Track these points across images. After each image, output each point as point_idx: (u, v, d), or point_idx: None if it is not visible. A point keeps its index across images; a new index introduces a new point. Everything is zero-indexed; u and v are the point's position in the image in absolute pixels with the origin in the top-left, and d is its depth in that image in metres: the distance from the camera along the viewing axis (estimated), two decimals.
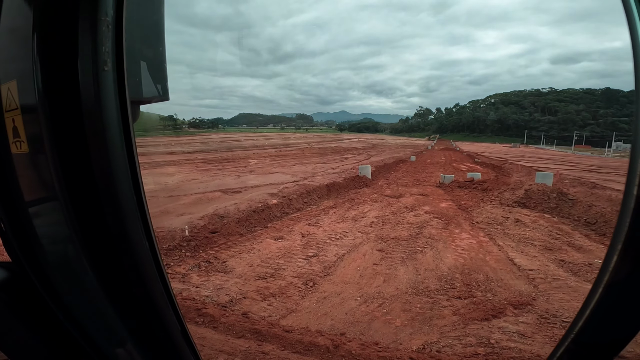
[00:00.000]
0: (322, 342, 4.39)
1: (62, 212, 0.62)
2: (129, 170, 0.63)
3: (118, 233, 0.65)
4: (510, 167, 25.50)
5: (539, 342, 4.54)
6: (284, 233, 9.15)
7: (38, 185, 0.64)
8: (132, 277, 0.69)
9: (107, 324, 0.74)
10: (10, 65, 0.59)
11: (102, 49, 0.56)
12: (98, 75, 0.56)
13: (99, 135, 0.58)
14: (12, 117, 0.59)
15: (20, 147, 0.60)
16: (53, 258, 0.70)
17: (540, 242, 8.67)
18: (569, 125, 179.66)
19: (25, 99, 0.57)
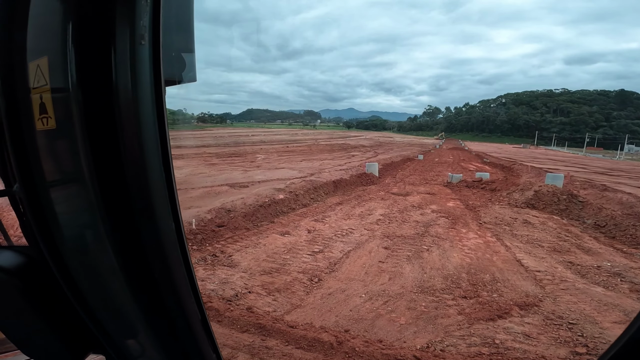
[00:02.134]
0: (326, 339, 4.40)
1: (88, 194, 0.60)
2: (160, 152, 0.61)
3: (146, 220, 0.63)
4: (519, 168, 25.23)
5: (544, 343, 4.50)
6: (290, 228, 9.17)
7: (63, 164, 0.62)
8: (157, 265, 0.67)
9: (124, 313, 0.72)
10: (41, 41, 0.57)
11: (139, 22, 0.54)
12: (135, 49, 0.55)
13: (132, 112, 0.57)
14: (40, 94, 0.57)
15: (46, 123, 0.58)
16: (73, 243, 0.68)
17: (548, 243, 8.58)
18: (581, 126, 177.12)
19: (56, 74, 0.55)
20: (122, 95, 0.55)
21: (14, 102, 0.61)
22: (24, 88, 0.59)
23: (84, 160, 0.57)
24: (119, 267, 0.64)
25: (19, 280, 0.68)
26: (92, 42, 0.54)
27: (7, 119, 0.61)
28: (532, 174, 21.03)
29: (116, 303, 0.71)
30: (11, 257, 0.71)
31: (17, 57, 0.59)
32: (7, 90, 0.60)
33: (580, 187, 14.85)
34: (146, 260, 0.65)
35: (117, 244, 0.63)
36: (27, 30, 0.58)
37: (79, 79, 0.54)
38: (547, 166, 26.26)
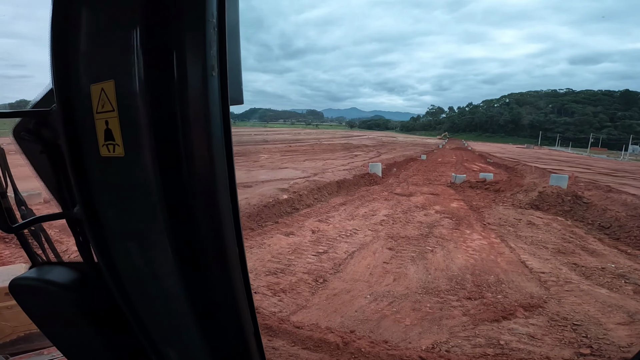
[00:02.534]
0: (332, 339, 4.44)
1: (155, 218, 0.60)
2: (227, 180, 0.61)
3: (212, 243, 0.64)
4: (523, 169, 25.16)
5: (549, 344, 4.53)
6: (295, 229, 9.21)
7: (129, 191, 0.62)
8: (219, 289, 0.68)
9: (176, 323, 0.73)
10: (107, 64, 0.57)
11: (210, 52, 0.54)
12: (207, 79, 0.55)
13: (205, 144, 0.57)
14: (106, 119, 0.57)
15: (113, 150, 0.58)
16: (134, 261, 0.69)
17: (552, 244, 8.58)
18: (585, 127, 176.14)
19: (124, 100, 0.55)
20: (194, 124, 0.56)
21: (74, 126, 0.61)
22: (86, 111, 0.59)
23: (155, 190, 0.58)
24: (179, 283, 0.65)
25: (75, 294, 0.70)
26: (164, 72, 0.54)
27: (67, 143, 0.62)
28: (536, 174, 20.98)
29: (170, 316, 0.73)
30: (65, 273, 0.73)
31: (76, 78, 0.59)
32: (67, 113, 0.61)
33: (584, 188, 14.80)
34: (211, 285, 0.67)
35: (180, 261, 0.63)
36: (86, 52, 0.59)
37: (150, 108, 0.54)
38: (551, 167, 26.19)
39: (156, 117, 0.55)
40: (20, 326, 2.63)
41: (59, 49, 0.59)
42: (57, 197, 0.71)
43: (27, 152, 0.73)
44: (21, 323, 2.62)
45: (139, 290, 0.73)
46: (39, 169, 0.74)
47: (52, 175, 0.69)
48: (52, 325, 0.79)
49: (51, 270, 0.75)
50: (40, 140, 0.67)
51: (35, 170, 0.74)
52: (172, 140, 0.56)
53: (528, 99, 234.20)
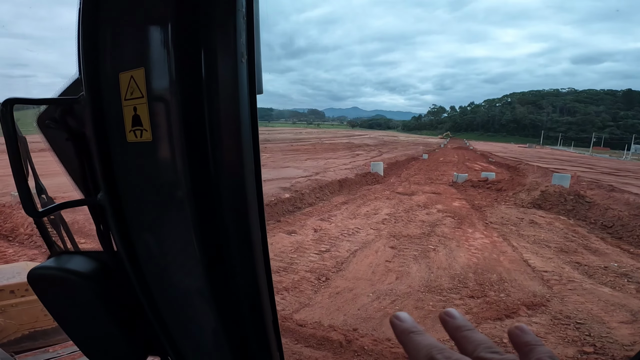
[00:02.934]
0: (334, 337, 4.45)
1: (180, 207, 0.60)
2: (254, 169, 0.61)
3: (239, 233, 0.63)
4: (525, 168, 25.11)
5: (552, 342, 4.52)
6: (297, 227, 9.23)
7: (156, 178, 0.62)
8: (241, 280, 0.67)
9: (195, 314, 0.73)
10: (137, 52, 0.57)
11: (240, 40, 0.55)
12: (237, 67, 0.55)
13: (233, 130, 0.57)
14: (134, 106, 0.57)
15: (140, 135, 0.58)
16: (157, 250, 0.69)
17: (555, 244, 8.57)
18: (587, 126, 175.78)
19: (154, 87, 0.56)
20: (223, 111, 0.57)
21: (101, 113, 0.62)
22: (114, 99, 0.59)
23: (182, 175, 0.58)
24: (201, 273, 0.65)
25: (94, 283, 0.69)
26: (194, 59, 0.55)
27: (94, 130, 0.62)
28: (538, 174, 20.94)
29: (189, 307, 0.73)
30: (84, 262, 0.73)
31: (105, 67, 0.60)
32: (95, 101, 0.61)
33: (587, 187, 14.77)
34: (230, 265, 0.66)
35: (203, 250, 0.63)
36: (115, 41, 0.60)
37: (179, 94, 0.55)
38: (553, 166, 26.12)
39: (185, 102, 0.56)
40: (25, 324, 2.63)
41: (87, 39, 0.60)
42: (81, 184, 0.71)
43: (50, 140, 0.73)
44: (26, 321, 2.62)
45: (158, 282, 0.72)
46: (63, 157, 0.74)
47: (76, 162, 0.69)
48: (69, 315, 0.78)
49: (70, 259, 0.74)
50: (66, 129, 0.67)
51: (59, 158, 0.74)
52: (200, 124, 0.57)
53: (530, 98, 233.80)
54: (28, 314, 2.59)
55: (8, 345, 2.57)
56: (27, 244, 7.60)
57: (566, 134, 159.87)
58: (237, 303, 0.70)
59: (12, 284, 2.56)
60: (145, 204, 0.67)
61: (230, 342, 0.73)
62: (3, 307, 2.62)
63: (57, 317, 0.79)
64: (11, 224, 8.38)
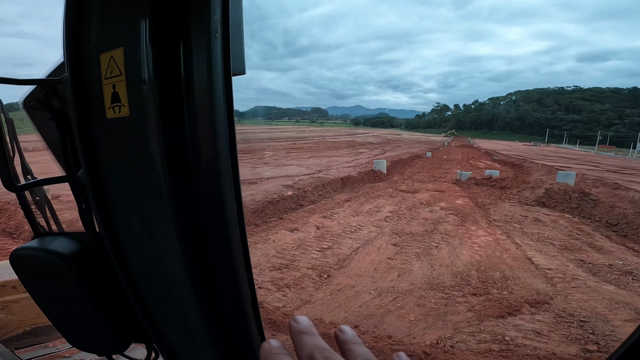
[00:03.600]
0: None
1: (157, 181, 0.61)
2: (227, 139, 0.62)
3: (213, 208, 0.64)
4: (530, 166, 24.97)
5: (555, 340, 4.49)
6: (299, 225, 9.21)
7: (133, 152, 0.63)
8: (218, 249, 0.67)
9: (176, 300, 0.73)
10: (116, 33, 0.60)
11: (214, 16, 0.56)
12: (210, 41, 0.57)
13: (205, 102, 0.59)
14: (113, 84, 0.59)
15: (119, 111, 0.60)
16: (135, 230, 0.69)
17: (559, 241, 8.50)
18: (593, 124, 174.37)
19: (132, 65, 0.58)
20: (197, 85, 0.58)
21: (83, 92, 0.63)
22: (94, 78, 0.61)
23: (157, 148, 0.59)
24: (180, 255, 0.65)
25: (76, 265, 0.69)
26: (168, 35, 0.57)
27: (75, 108, 0.63)
28: (543, 171, 20.82)
29: (170, 291, 0.73)
30: (67, 243, 0.72)
31: (86, 49, 0.62)
32: (77, 80, 0.63)
33: (592, 185, 14.66)
34: (209, 249, 0.67)
35: (181, 232, 0.64)
36: (97, 24, 0.61)
37: (155, 69, 0.56)
38: (558, 164, 25.96)
39: (161, 77, 0.57)
40: (26, 320, 2.63)
41: (71, 23, 0.62)
42: (62, 162, 0.72)
43: (36, 121, 0.77)
44: (27, 317, 2.62)
45: (140, 266, 0.72)
46: (46, 137, 0.77)
47: (59, 141, 0.70)
48: (51, 299, 0.77)
49: (53, 240, 0.74)
50: (49, 109, 0.69)
51: (43, 138, 0.77)
52: (175, 98, 0.59)
53: (535, 96, 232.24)
54: (30, 310, 2.59)
55: (10, 341, 2.58)
56: None
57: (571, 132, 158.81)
58: (217, 290, 0.70)
59: (14, 280, 2.55)
60: (123, 181, 0.67)
61: (211, 330, 0.73)
62: (5, 303, 2.62)
63: (38, 301, 0.79)
64: (15, 222, 8.44)
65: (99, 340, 0.79)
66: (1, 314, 2.65)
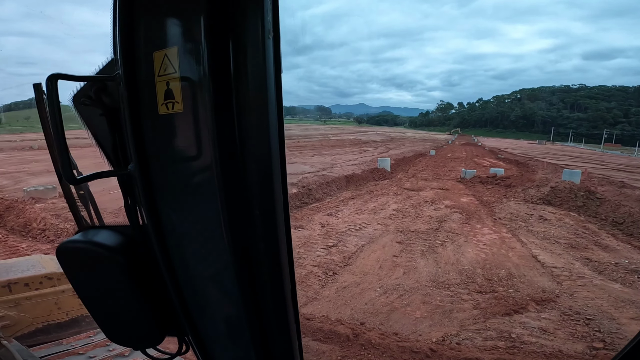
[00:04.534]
0: (342, 331, 4.46)
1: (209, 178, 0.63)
2: (278, 139, 0.63)
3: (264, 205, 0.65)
4: (535, 164, 24.86)
5: (561, 338, 4.49)
6: (304, 222, 9.25)
7: (186, 148, 0.65)
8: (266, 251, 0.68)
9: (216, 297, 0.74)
10: (171, 33, 0.62)
11: (267, 18, 0.58)
12: (264, 42, 0.58)
13: (260, 102, 0.60)
14: (167, 81, 0.61)
15: (172, 107, 0.62)
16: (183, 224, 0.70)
17: (565, 240, 8.48)
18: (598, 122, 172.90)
19: (186, 63, 0.60)
20: (251, 82, 0.60)
21: (136, 89, 0.65)
22: (148, 75, 0.63)
23: (209, 143, 0.61)
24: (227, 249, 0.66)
25: (121, 256, 0.71)
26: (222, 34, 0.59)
27: (128, 104, 0.65)
28: (548, 170, 20.71)
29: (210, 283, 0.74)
30: (111, 236, 0.75)
31: (139, 47, 0.64)
32: (130, 77, 0.65)
33: (597, 183, 14.58)
34: (256, 244, 0.68)
35: (230, 226, 0.64)
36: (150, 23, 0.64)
37: (210, 68, 0.58)
38: (563, 162, 25.82)
39: (215, 74, 0.59)
40: (39, 317, 2.63)
41: (123, 23, 0.64)
42: (112, 157, 0.75)
43: (85, 117, 0.78)
44: (40, 314, 2.62)
45: (182, 260, 0.73)
46: (96, 132, 0.78)
47: (109, 136, 0.73)
48: (93, 290, 0.79)
49: (97, 233, 0.77)
50: (100, 105, 0.71)
51: (92, 134, 0.79)
52: (228, 95, 0.60)
53: (540, 94, 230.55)
54: (42, 307, 2.59)
55: (23, 338, 2.61)
56: (40, 238, 7.73)
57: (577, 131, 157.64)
58: (260, 294, 0.71)
59: (26, 277, 2.54)
60: (173, 175, 0.68)
61: (251, 331, 0.74)
62: (17, 300, 2.63)
63: (80, 292, 0.81)
64: (24, 219, 8.51)
65: (138, 334, 0.81)
66: (14, 311, 2.68)
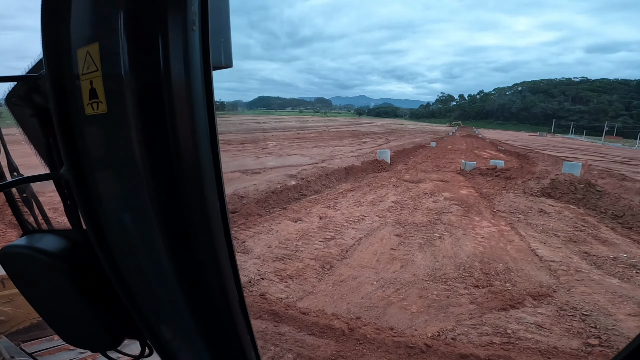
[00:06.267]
0: (337, 325, 4.45)
1: (138, 177, 0.60)
2: (208, 134, 0.61)
3: (196, 202, 0.63)
4: (535, 156, 24.76)
5: (557, 334, 4.47)
6: (302, 215, 9.21)
7: (113, 148, 0.63)
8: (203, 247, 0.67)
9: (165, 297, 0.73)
10: (92, 28, 0.59)
11: (191, 9, 0.55)
12: (187, 35, 0.56)
13: (184, 96, 0.57)
14: (90, 79, 0.58)
15: (97, 108, 0.59)
16: (120, 226, 0.68)
17: (564, 233, 8.45)
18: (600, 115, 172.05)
19: (108, 60, 0.57)
20: (174, 79, 0.56)
21: (61, 88, 0.62)
22: (72, 74, 0.60)
23: (136, 144, 0.58)
24: (165, 249, 0.65)
25: (65, 263, 0.68)
26: (143, 29, 0.56)
27: (55, 105, 0.63)
28: (549, 162, 20.64)
29: (158, 287, 0.72)
30: (55, 241, 0.72)
31: (64, 44, 0.61)
32: (55, 77, 0.62)
33: (598, 176, 14.52)
34: (193, 242, 0.66)
35: (165, 226, 0.63)
36: (73, 18, 0.60)
37: (132, 64, 0.55)
38: (564, 155, 25.73)
39: (137, 72, 0.56)
40: (32, 313, 2.64)
41: (48, 18, 0.61)
42: (46, 159, 0.72)
43: (18, 117, 0.76)
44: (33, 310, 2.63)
45: (128, 263, 0.71)
46: (29, 133, 0.77)
47: (41, 137, 0.70)
48: (42, 296, 0.77)
49: (42, 238, 0.74)
50: (31, 105, 0.69)
51: (26, 135, 0.77)
52: (153, 93, 0.57)
53: (541, 87, 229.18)
54: None
55: (16, 334, 2.60)
56: None
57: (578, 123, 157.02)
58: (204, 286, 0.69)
59: None
60: (107, 176, 0.66)
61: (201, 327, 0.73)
62: (11, 296, 2.63)
63: (30, 299, 0.78)
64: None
65: (91, 335, 0.78)
66: (7, 307, 2.66)
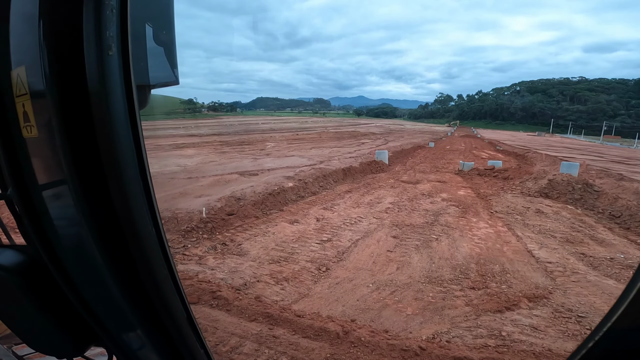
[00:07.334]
0: (332, 328, 4.43)
1: (72, 195, 0.63)
2: (134, 154, 0.63)
3: (125, 216, 0.66)
4: (533, 156, 24.77)
5: (552, 336, 4.46)
6: (299, 217, 9.19)
7: (48, 169, 0.65)
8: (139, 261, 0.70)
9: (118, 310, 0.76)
10: (20, 51, 0.61)
11: (106, 33, 0.56)
12: (103, 59, 0.57)
13: (105, 119, 0.59)
14: (22, 102, 0.61)
15: (30, 131, 0.61)
16: (65, 241, 0.71)
17: (561, 234, 8.44)
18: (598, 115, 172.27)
19: (34, 84, 0.59)
20: (94, 103, 0.58)
21: (3, 110, 0.64)
22: (10, 96, 0.62)
23: (65, 166, 0.61)
24: (105, 265, 0.68)
25: (20, 278, 0.71)
26: (62, 53, 0.57)
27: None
28: (547, 162, 20.64)
29: (109, 299, 0.75)
30: (12, 256, 0.75)
31: (4, 65, 0.63)
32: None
33: (596, 176, 14.52)
34: (131, 258, 0.69)
35: (102, 243, 0.66)
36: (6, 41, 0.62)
37: (54, 88, 0.58)
38: (562, 154, 25.75)
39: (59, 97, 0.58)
40: None
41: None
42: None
43: None
44: None
45: (78, 275, 0.74)
46: None
47: None
48: (3, 308, 0.80)
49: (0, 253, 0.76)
50: None
51: None
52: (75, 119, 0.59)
53: (540, 86, 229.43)
54: None
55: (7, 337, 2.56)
56: None
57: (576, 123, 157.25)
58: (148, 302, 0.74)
59: None
60: (48, 196, 0.68)
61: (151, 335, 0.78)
62: None
63: None
64: None
65: (55, 342, 0.81)
66: None
